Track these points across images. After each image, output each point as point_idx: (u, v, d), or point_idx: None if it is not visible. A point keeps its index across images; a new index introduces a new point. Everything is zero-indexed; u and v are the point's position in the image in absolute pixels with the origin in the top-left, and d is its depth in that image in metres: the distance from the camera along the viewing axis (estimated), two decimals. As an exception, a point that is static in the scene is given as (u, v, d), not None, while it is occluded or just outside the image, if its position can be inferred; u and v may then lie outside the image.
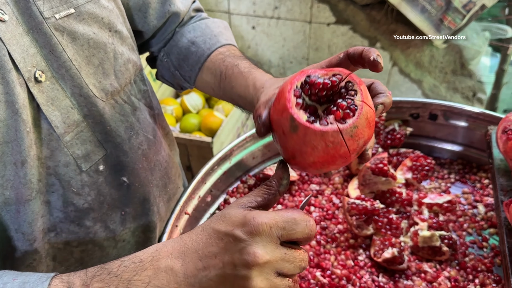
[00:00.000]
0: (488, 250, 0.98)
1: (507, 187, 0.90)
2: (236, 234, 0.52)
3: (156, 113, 0.91)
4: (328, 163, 0.56)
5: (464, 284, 0.90)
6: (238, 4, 2.21)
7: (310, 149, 0.54)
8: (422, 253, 0.95)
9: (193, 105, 2.16)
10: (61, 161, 0.71)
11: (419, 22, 1.87)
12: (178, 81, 0.93)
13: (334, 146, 0.53)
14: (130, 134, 0.81)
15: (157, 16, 0.86)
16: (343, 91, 0.55)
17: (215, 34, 0.89)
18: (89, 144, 0.74)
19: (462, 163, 1.19)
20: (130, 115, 0.81)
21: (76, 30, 0.68)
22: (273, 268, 0.53)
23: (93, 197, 0.77)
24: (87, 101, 0.72)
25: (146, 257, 0.55)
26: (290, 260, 0.53)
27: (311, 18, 2.12)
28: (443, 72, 2.12)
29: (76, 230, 0.77)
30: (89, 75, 0.71)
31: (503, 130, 0.91)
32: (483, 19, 2.07)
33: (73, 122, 0.70)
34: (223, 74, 0.81)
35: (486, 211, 1.06)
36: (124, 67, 0.78)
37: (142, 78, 0.86)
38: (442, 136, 1.21)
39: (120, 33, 0.76)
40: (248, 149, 1.15)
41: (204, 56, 0.86)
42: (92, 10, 0.70)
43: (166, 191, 0.95)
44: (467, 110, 1.14)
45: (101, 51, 0.73)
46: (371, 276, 0.92)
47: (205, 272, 0.53)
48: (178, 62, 0.89)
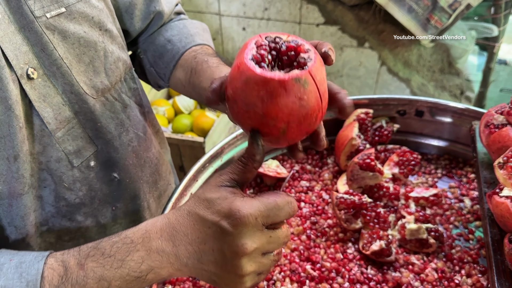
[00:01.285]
0: (474, 242, 1.00)
1: (490, 179, 0.92)
2: (223, 226, 0.54)
3: (146, 111, 0.93)
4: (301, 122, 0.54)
5: (450, 275, 0.92)
6: (229, 5, 2.23)
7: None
8: (409, 245, 0.97)
9: (185, 106, 2.18)
10: (53, 157, 0.72)
11: (407, 22, 1.90)
12: (154, 79, 0.95)
13: (307, 92, 0.51)
14: (120, 131, 0.82)
15: (142, 17, 0.88)
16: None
17: (191, 33, 0.91)
18: (80, 140, 0.75)
19: (449, 158, 1.22)
20: (121, 112, 0.83)
21: (66, 28, 0.70)
22: (260, 252, 0.56)
23: (85, 192, 0.78)
24: (78, 98, 0.73)
25: (136, 238, 0.58)
26: (275, 241, 0.57)
27: (301, 19, 2.15)
28: (431, 71, 2.15)
29: (67, 225, 0.79)
30: (80, 73, 0.73)
31: (485, 124, 0.94)
32: (469, 18, 2.11)
33: (65, 118, 0.72)
34: (193, 70, 0.83)
35: (472, 204, 1.08)
36: (114, 65, 0.80)
37: (132, 76, 0.87)
38: (428, 132, 1.23)
39: (110, 32, 0.78)
40: (239, 147, 1.16)
41: (178, 54, 0.88)
42: (83, 10, 0.72)
43: (156, 188, 0.97)
44: (452, 106, 1.17)
45: (92, 49, 0.74)
46: (360, 269, 0.94)
47: (197, 255, 0.56)
48: (154, 59, 0.91)
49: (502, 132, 0.88)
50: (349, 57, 2.19)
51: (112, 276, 0.57)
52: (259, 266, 0.57)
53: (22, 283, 0.56)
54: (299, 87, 0.51)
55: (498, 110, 0.93)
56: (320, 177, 1.18)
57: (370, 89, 2.27)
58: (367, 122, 1.16)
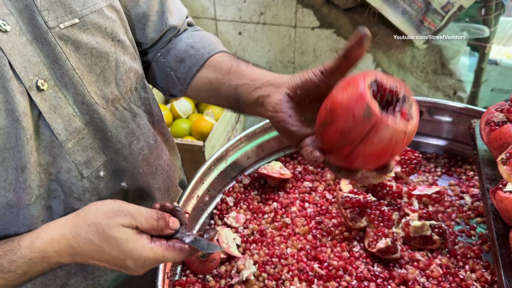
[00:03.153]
0: (476, 238, 1.03)
1: (492, 176, 0.95)
2: (128, 265, 0.66)
3: (156, 120, 0.94)
4: (376, 158, 0.60)
5: (455, 271, 0.94)
6: (225, 10, 2.25)
7: (376, 140, 0.56)
8: (414, 242, 0.99)
9: (183, 111, 2.19)
10: (63, 168, 0.73)
11: (400, 24, 1.93)
12: (170, 84, 0.94)
13: (396, 143, 0.57)
14: (130, 140, 0.83)
15: (155, 29, 0.88)
16: (399, 101, 0.59)
17: (213, 42, 0.92)
18: (90, 151, 0.76)
19: (448, 157, 1.25)
20: (131, 121, 0.83)
21: (80, 39, 0.70)
22: None
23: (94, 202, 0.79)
24: (89, 108, 0.74)
25: (35, 256, 0.64)
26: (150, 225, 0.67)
27: (296, 23, 2.17)
28: (425, 72, 2.18)
29: None
30: (91, 83, 0.73)
31: (486, 122, 0.96)
32: (461, 20, 2.14)
33: (75, 129, 0.72)
34: (233, 67, 0.82)
35: (472, 201, 1.10)
36: (126, 75, 0.80)
37: (143, 85, 0.88)
38: (427, 131, 1.26)
39: (122, 43, 0.79)
40: (242, 149, 1.18)
41: (203, 59, 0.88)
42: (96, 21, 0.72)
43: (168, 194, 0.98)
44: (450, 105, 1.19)
45: (103, 60, 0.75)
46: (367, 266, 0.95)
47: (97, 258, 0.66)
48: (174, 63, 0.91)
49: (503, 129, 0.90)
50: (344, 60, 2.21)
51: (15, 283, 0.66)
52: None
53: None
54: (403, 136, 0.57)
55: (498, 108, 0.96)
56: (322, 177, 1.19)
57: (365, 91, 2.30)
58: (368, 123, 1.18)
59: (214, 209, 1.12)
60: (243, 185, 1.17)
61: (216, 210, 1.12)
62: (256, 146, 1.21)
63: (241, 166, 1.20)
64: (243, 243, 1.03)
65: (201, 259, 0.95)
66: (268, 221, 1.08)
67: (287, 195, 1.14)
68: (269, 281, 0.93)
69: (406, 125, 0.56)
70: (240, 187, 1.17)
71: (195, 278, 0.96)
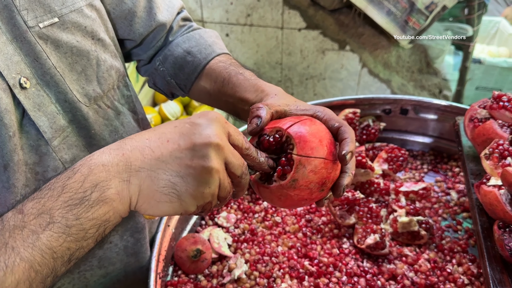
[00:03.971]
0: (462, 232, 1.05)
1: (476, 171, 0.97)
2: (194, 121, 0.56)
3: (140, 118, 0.94)
4: (295, 205, 0.67)
5: (442, 265, 0.96)
6: (211, 12, 2.26)
7: (276, 198, 0.65)
8: (402, 238, 1.01)
9: (171, 113, 2.19)
10: (50, 166, 0.73)
11: (386, 24, 1.95)
12: (172, 89, 0.96)
13: (285, 197, 0.64)
14: (114, 138, 0.84)
15: (143, 25, 0.88)
16: (285, 146, 0.65)
17: (209, 44, 0.92)
18: (75, 149, 0.76)
19: (434, 154, 1.27)
20: (114, 119, 0.84)
21: (59, 38, 0.71)
22: (225, 156, 0.57)
23: None
24: (72, 106, 0.74)
25: (77, 164, 0.56)
26: (236, 156, 0.59)
27: (283, 24, 2.19)
28: (410, 71, 2.21)
29: None
30: (73, 81, 0.74)
31: (469, 119, 0.98)
32: (445, 20, 2.18)
33: (60, 127, 0.73)
34: (225, 80, 0.84)
35: (458, 197, 1.13)
36: (107, 73, 0.81)
37: (125, 84, 0.88)
38: (413, 129, 1.28)
39: (102, 41, 0.79)
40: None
41: (200, 66, 0.89)
42: (76, 20, 0.73)
43: None
44: (435, 103, 1.22)
45: (84, 58, 0.75)
46: (356, 262, 0.97)
47: (156, 155, 0.55)
48: (173, 71, 0.92)
49: (486, 125, 0.92)
50: (331, 60, 2.24)
51: (52, 206, 0.52)
52: (222, 176, 0.57)
53: None
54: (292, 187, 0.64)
55: (481, 105, 0.98)
56: (311, 176, 1.21)
57: (352, 91, 2.32)
58: (355, 121, 1.20)
59: (204, 209, 1.13)
60: (233, 185, 1.18)
61: None
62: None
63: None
64: (234, 242, 1.04)
65: (193, 259, 0.96)
66: (258, 220, 1.09)
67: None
68: (261, 279, 0.94)
69: (282, 180, 0.63)
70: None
71: (187, 278, 0.96)
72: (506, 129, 0.92)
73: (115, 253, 0.89)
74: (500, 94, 0.93)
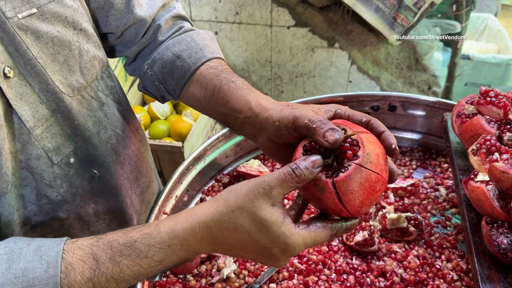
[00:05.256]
0: (451, 228, 1.05)
1: (464, 166, 0.97)
2: (274, 253, 0.61)
3: (125, 109, 0.93)
4: (372, 195, 0.61)
5: (432, 261, 0.96)
6: (200, 11, 2.25)
7: (351, 194, 0.59)
8: (391, 234, 1.01)
9: (160, 112, 2.18)
10: (32, 154, 0.73)
11: (374, 21, 1.96)
12: (161, 94, 0.93)
13: (366, 179, 0.59)
14: (98, 129, 0.83)
15: (120, 17, 0.85)
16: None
17: (200, 47, 0.88)
18: (59, 138, 0.76)
19: (422, 150, 1.27)
20: (98, 110, 0.83)
21: (39, 29, 0.70)
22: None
23: (66, 189, 0.79)
24: (54, 96, 0.74)
25: (175, 244, 0.60)
26: (313, 239, 0.62)
27: (272, 22, 2.18)
28: (399, 68, 2.22)
29: (51, 223, 0.79)
30: (55, 72, 0.73)
31: (457, 115, 0.98)
32: (433, 16, 2.19)
33: (42, 116, 0.73)
34: (216, 88, 0.81)
35: (447, 192, 1.13)
36: (90, 63, 0.80)
37: (109, 74, 0.87)
38: (402, 125, 1.28)
39: (85, 31, 0.78)
40: (220, 148, 1.18)
41: (190, 71, 0.86)
42: (55, 10, 0.72)
43: (138, 184, 0.97)
44: (423, 99, 1.22)
45: (66, 48, 0.75)
46: (345, 260, 0.97)
47: (234, 251, 0.63)
48: (162, 75, 0.89)
49: (473, 121, 0.93)
50: (320, 58, 2.24)
51: (149, 272, 0.61)
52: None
53: (43, 265, 0.57)
54: None
55: (468, 101, 0.98)
56: (301, 174, 1.20)
57: (342, 88, 2.32)
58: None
59: (193, 208, 1.12)
60: (223, 184, 1.18)
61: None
62: (234, 144, 1.21)
63: (220, 165, 1.20)
64: (223, 241, 1.03)
65: (181, 259, 0.95)
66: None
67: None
68: (250, 278, 0.93)
69: (356, 160, 0.59)
70: (220, 186, 1.17)
71: (176, 278, 0.96)
72: (493, 125, 0.92)
73: None
74: (487, 89, 0.93)
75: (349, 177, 0.58)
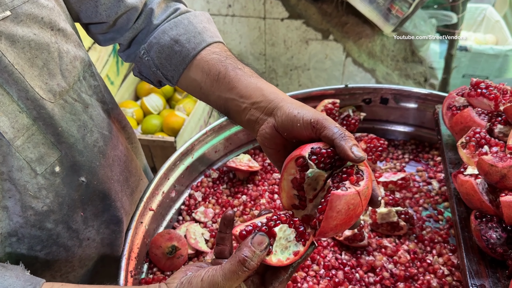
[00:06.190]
0: (443, 222, 1.03)
1: (455, 160, 0.95)
2: None
3: (110, 108, 0.90)
4: (346, 224, 0.61)
5: (422, 256, 0.94)
6: (192, 3, 2.22)
7: (335, 213, 0.59)
8: (381, 229, 0.99)
9: (153, 106, 2.16)
10: (14, 166, 0.70)
11: (368, 13, 1.93)
12: (158, 79, 0.90)
13: (354, 207, 0.59)
14: (83, 133, 0.80)
15: (111, 6, 0.82)
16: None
17: (199, 31, 0.85)
18: (42, 147, 0.73)
19: (415, 143, 1.25)
20: (82, 113, 0.80)
21: (14, 33, 0.67)
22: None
23: (52, 199, 0.76)
24: (35, 104, 0.70)
25: None
26: None
27: (265, 14, 2.16)
28: (395, 60, 2.19)
29: (38, 234, 0.76)
30: (34, 78, 0.70)
31: (447, 107, 0.96)
32: (429, 7, 2.16)
33: (23, 126, 0.69)
34: (221, 74, 0.78)
35: (440, 186, 1.11)
36: (71, 65, 0.77)
37: (92, 73, 0.84)
38: (394, 118, 1.26)
39: (63, 31, 0.75)
40: (209, 143, 1.16)
41: (189, 57, 0.83)
42: (30, 11, 0.69)
43: (128, 185, 0.95)
44: (415, 92, 1.20)
45: (44, 51, 0.71)
46: (334, 255, 0.95)
47: None
48: (160, 61, 0.86)
49: (464, 113, 0.91)
50: (315, 51, 2.21)
51: None
52: None
53: None
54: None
55: (459, 93, 0.96)
56: (291, 168, 1.19)
57: (337, 81, 2.30)
58: (334, 112, 1.17)
59: (182, 204, 1.10)
60: (212, 179, 1.16)
61: (184, 206, 1.10)
62: (224, 139, 1.20)
63: (209, 160, 1.19)
64: (212, 237, 1.02)
65: (168, 256, 0.93)
66: (237, 214, 1.07)
67: (256, 188, 1.14)
68: (237, 274, 0.92)
69: (356, 187, 0.59)
70: (209, 182, 1.15)
71: (162, 275, 0.94)
72: (484, 117, 0.90)
73: (94, 248, 0.87)
74: (478, 81, 0.91)
75: (345, 197, 0.58)
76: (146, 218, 0.97)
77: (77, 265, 0.85)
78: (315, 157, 0.62)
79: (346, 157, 0.61)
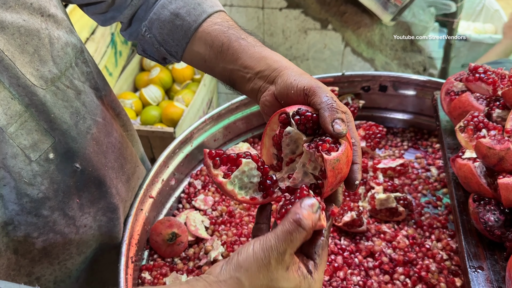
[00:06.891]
0: (442, 208, 1.04)
1: (453, 145, 0.96)
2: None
3: (103, 94, 0.90)
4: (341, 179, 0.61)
5: (421, 241, 0.95)
6: (190, -6, 2.21)
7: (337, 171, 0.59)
8: (380, 215, 0.99)
9: (152, 98, 2.16)
10: (8, 153, 0.69)
11: (367, 1, 1.92)
12: (163, 56, 0.89)
13: (339, 169, 0.58)
14: (76, 120, 0.80)
15: None
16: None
17: (198, 2, 0.83)
18: (36, 134, 0.73)
19: (414, 131, 1.25)
20: (75, 100, 0.80)
21: (3, 19, 0.66)
22: None
23: (47, 186, 0.76)
24: (27, 90, 0.70)
25: None
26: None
27: (263, 4, 2.15)
28: (394, 50, 2.19)
29: (34, 221, 0.76)
30: (25, 64, 0.70)
31: (446, 92, 0.96)
32: (428, -4, 2.15)
33: (15, 113, 0.69)
34: (225, 45, 0.78)
35: (438, 173, 1.12)
36: (62, 51, 0.76)
37: (84, 59, 0.84)
38: (393, 106, 1.26)
39: (54, 17, 0.75)
40: (208, 131, 1.17)
41: (191, 30, 0.82)
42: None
43: (123, 172, 0.95)
44: (414, 79, 1.20)
45: (35, 38, 0.71)
46: (334, 240, 0.96)
47: None
48: (162, 37, 0.85)
49: (462, 98, 0.91)
50: (313, 40, 2.21)
51: None
52: None
53: None
54: None
55: (457, 78, 0.96)
56: (290, 156, 1.19)
57: (336, 71, 2.30)
58: (333, 99, 1.17)
59: (181, 192, 1.11)
60: (211, 167, 1.16)
61: (184, 194, 1.10)
62: (222, 127, 1.20)
63: (209, 148, 1.18)
64: (212, 224, 1.02)
65: (168, 243, 0.94)
66: (236, 202, 1.07)
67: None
68: (237, 260, 0.92)
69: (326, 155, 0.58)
70: (208, 170, 1.16)
71: (163, 262, 0.95)
72: (482, 102, 0.90)
73: (91, 235, 0.87)
74: (476, 66, 0.91)
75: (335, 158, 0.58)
76: (146, 206, 0.97)
77: (75, 252, 0.85)
78: (298, 117, 0.61)
79: (324, 129, 0.60)
